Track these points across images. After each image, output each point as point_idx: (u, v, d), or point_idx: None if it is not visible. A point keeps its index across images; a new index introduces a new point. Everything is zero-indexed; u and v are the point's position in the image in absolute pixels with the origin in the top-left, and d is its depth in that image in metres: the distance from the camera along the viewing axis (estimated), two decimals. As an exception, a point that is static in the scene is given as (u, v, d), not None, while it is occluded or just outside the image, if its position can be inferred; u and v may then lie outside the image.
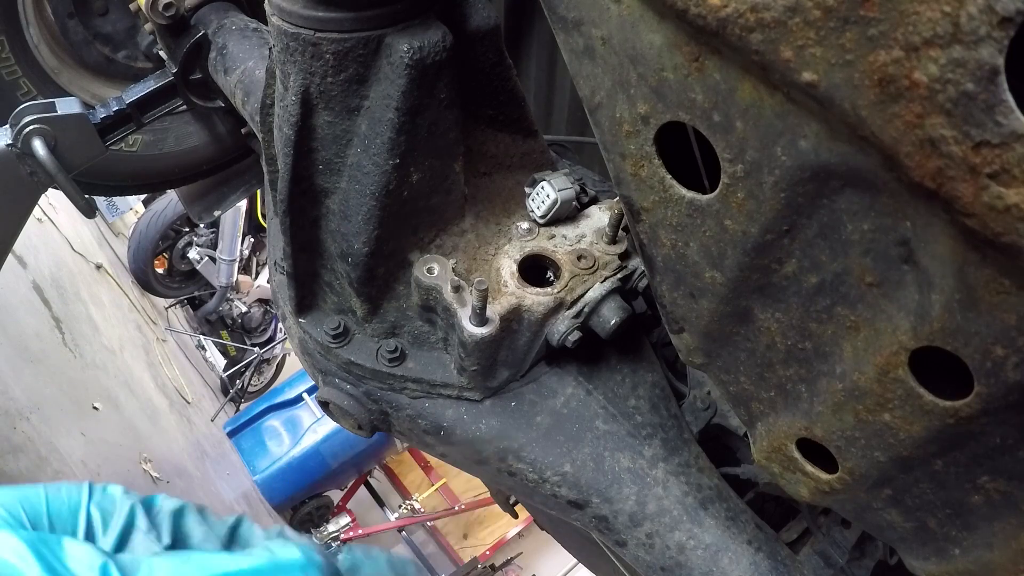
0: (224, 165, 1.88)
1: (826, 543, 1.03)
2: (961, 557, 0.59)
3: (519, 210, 0.99)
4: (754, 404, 0.68)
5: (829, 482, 0.63)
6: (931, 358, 0.47)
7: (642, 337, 1.03)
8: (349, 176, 0.86)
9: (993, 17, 0.31)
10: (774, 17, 0.39)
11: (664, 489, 0.91)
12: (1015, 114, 0.32)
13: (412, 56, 0.76)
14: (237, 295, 6.31)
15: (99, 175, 1.68)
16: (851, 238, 0.47)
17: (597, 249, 0.94)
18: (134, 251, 5.38)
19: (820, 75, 0.38)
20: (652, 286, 0.69)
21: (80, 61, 1.68)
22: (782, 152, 0.45)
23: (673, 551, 0.89)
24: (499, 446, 0.93)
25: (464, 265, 0.93)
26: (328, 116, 0.82)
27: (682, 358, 0.73)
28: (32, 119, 1.29)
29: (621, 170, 0.60)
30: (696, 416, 1.02)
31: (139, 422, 4.08)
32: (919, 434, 0.50)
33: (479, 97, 0.92)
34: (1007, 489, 0.51)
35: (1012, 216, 0.34)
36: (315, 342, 0.98)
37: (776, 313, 0.57)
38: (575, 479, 0.91)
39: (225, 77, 1.40)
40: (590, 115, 0.60)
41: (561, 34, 0.57)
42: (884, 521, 0.65)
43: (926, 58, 0.34)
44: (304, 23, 0.76)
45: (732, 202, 0.51)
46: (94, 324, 4.35)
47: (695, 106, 0.49)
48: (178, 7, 1.46)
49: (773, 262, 0.53)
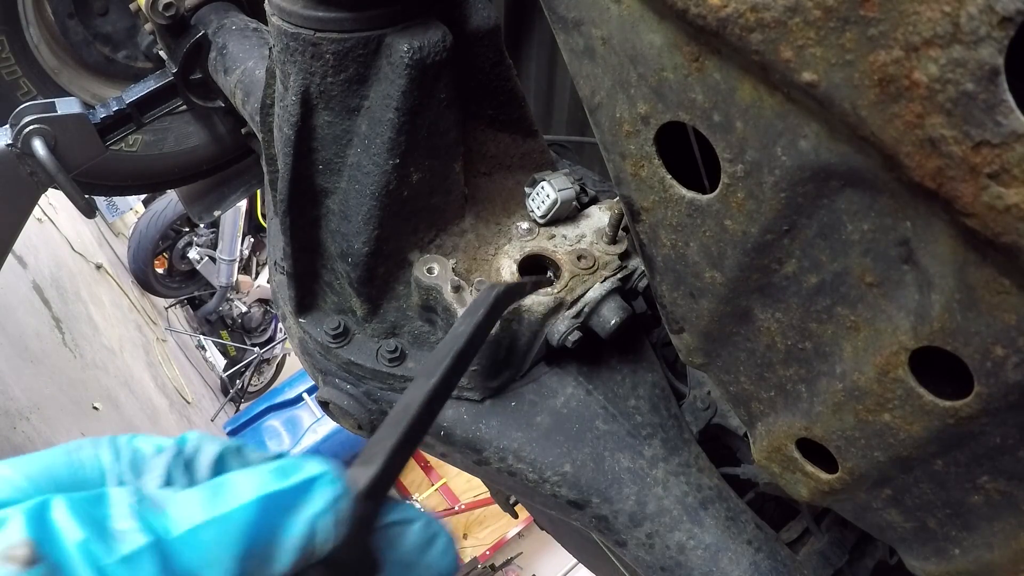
0: (224, 165, 1.88)
1: (826, 543, 1.03)
2: (961, 557, 0.59)
3: (519, 210, 0.99)
4: (754, 404, 0.68)
5: (829, 482, 0.63)
6: (931, 358, 0.47)
7: (642, 337, 1.03)
8: (349, 176, 0.86)
9: (993, 17, 0.31)
10: (774, 17, 0.39)
11: (664, 489, 0.91)
12: (1015, 114, 0.32)
13: (412, 56, 0.76)
14: (237, 295, 6.31)
15: (99, 175, 1.68)
16: (851, 238, 0.47)
17: (597, 249, 0.94)
18: (134, 251, 5.38)
19: (820, 75, 0.38)
20: (652, 286, 0.69)
21: (80, 61, 1.68)
22: (782, 152, 0.45)
23: (673, 551, 0.89)
24: (499, 446, 0.93)
25: (464, 265, 0.93)
26: (328, 116, 0.82)
27: (682, 358, 0.73)
28: (32, 119, 1.29)
29: (621, 170, 0.60)
30: (696, 416, 1.02)
31: (139, 422, 4.08)
32: (919, 434, 0.50)
33: (479, 97, 0.92)
34: (1007, 489, 0.51)
35: (1012, 216, 0.34)
36: (315, 342, 0.98)
37: (776, 313, 0.57)
38: (575, 479, 0.91)
39: (225, 77, 1.40)
40: (590, 115, 0.60)
41: (561, 34, 0.57)
42: (884, 521, 0.65)
43: (926, 58, 0.34)
44: (304, 23, 0.76)
45: (732, 202, 0.51)
46: (94, 324, 4.35)
47: (695, 106, 0.49)
48: (178, 7, 1.46)
49: (773, 262, 0.53)
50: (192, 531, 0.30)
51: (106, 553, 0.28)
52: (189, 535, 0.30)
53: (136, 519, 0.29)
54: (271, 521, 0.32)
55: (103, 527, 0.28)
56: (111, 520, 0.29)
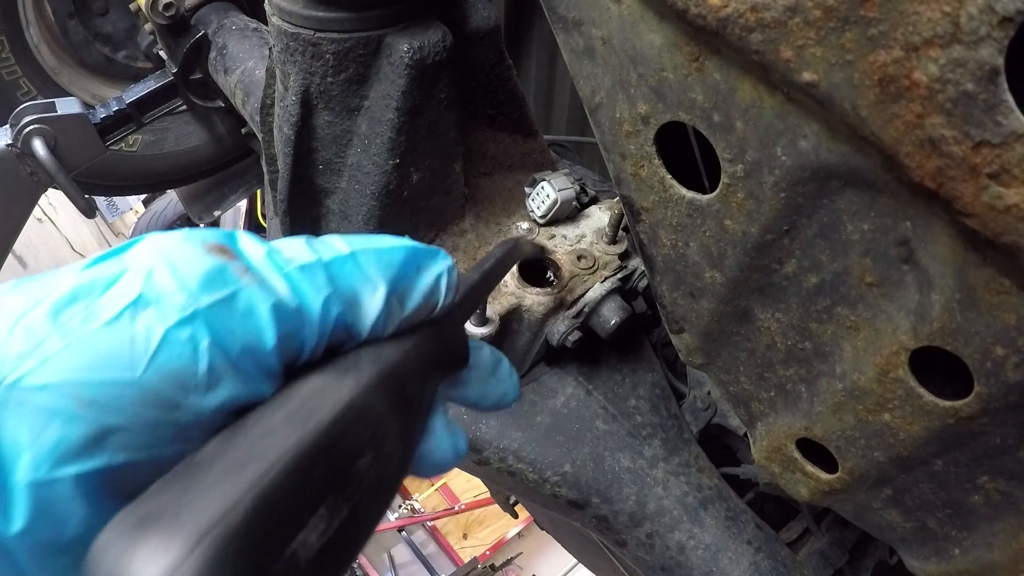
0: (224, 165, 1.88)
1: (826, 543, 1.03)
2: (961, 557, 0.59)
3: (519, 210, 0.99)
4: (754, 404, 0.68)
5: (829, 482, 0.63)
6: (931, 358, 0.47)
7: (642, 337, 1.03)
8: (349, 176, 0.86)
9: (993, 17, 0.31)
10: (774, 17, 0.39)
11: (664, 489, 0.91)
12: (1015, 114, 0.32)
13: (412, 56, 0.76)
14: (237, 295, 6.30)
15: (99, 175, 1.68)
16: (851, 238, 0.47)
17: (597, 249, 0.94)
18: (134, 251, 5.38)
19: (820, 75, 0.38)
20: (652, 286, 0.69)
21: (80, 61, 1.68)
22: (782, 152, 0.45)
23: (673, 551, 0.89)
24: (499, 446, 0.93)
25: (464, 265, 0.93)
26: (328, 116, 0.82)
27: (682, 358, 0.73)
28: (32, 119, 1.29)
29: (621, 170, 0.60)
30: (696, 416, 1.02)
31: (139, 422, 4.07)
32: (919, 434, 0.50)
33: (479, 97, 0.92)
34: (1007, 489, 0.51)
35: (1012, 216, 0.34)
36: (315, 342, 0.98)
37: (776, 313, 0.57)
38: (575, 479, 0.91)
39: (225, 77, 1.40)
40: (590, 115, 0.60)
41: (561, 34, 0.57)
42: (884, 521, 0.65)
43: (926, 58, 0.34)
44: (304, 23, 0.76)
45: (732, 202, 0.51)
46: (94, 324, 4.35)
47: (695, 106, 0.49)
48: (178, 7, 1.46)
49: (773, 262, 0.53)
50: (355, 253, 0.35)
51: (285, 263, 0.33)
52: (352, 256, 0.35)
53: (305, 246, 0.35)
54: (412, 266, 0.38)
55: (280, 251, 0.34)
56: (283, 250, 0.34)
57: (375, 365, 0.34)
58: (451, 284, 0.40)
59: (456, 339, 0.43)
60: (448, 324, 0.42)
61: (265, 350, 0.30)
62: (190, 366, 0.28)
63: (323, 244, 0.35)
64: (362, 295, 0.35)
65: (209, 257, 0.30)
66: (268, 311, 0.31)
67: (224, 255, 0.31)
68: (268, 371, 0.31)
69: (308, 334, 0.32)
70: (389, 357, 0.35)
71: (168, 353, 0.28)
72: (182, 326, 0.28)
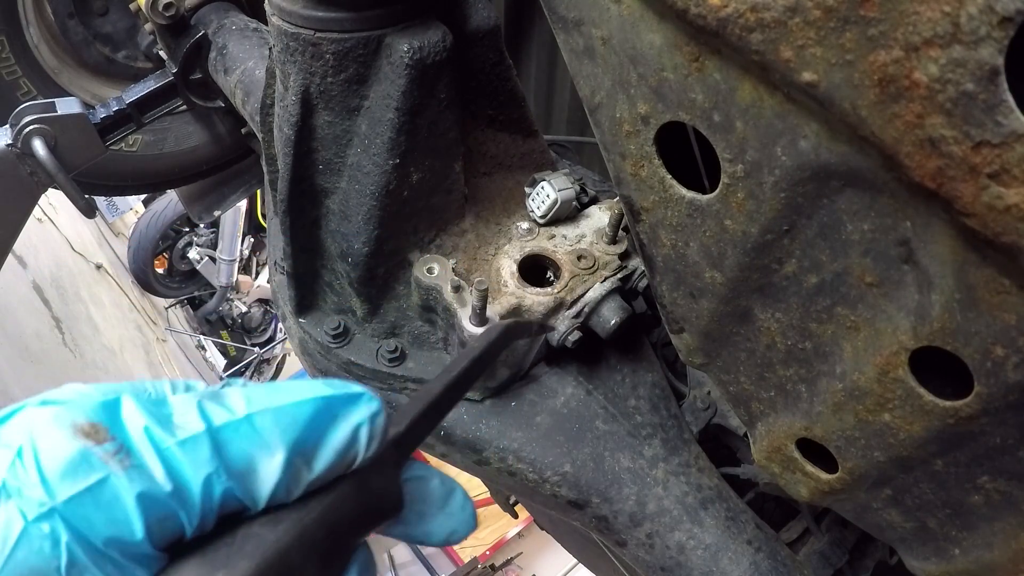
0: (224, 165, 1.88)
1: (826, 543, 1.03)
2: (961, 557, 0.59)
3: (519, 210, 0.99)
4: (754, 404, 0.68)
5: (829, 482, 0.63)
6: (931, 358, 0.47)
7: (642, 337, 1.03)
8: (349, 176, 0.86)
9: (993, 17, 0.31)
10: (774, 17, 0.39)
11: (664, 489, 0.91)
12: (1015, 114, 0.32)
13: (412, 56, 0.76)
14: (237, 295, 6.30)
15: (99, 175, 1.68)
16: (851, 238, 0.47)
17: (597, 249, 0.94)
18: (134, 251, 5.38)
19: (820, 75, 0.38)
20: (652, 286, 0.69)
21: (80, 61, 1.68)
22: (782, 152, 0.45)
23: (673, 551, 0.89)
24: (499, 446, 0.93)
25: (464, 265, 0.93)
26: (328, 116, 0.82)
27: (682, 358, 0.73)
28: (32, 119, 1.29)
29: (621, 170, 0.60)
30: (696, 416, 1.02)
31: (139, 422, 4.06)
32: (919, 434, 0.50)
33: (479, 97, 0.92)
34: (1007, 489, 0.51)
35: (1012, 216, 0.34)
36: (315, 342, 0.98)
37: (776, 313, 0.57)
38: (575, 479, 0.91)
39: (225, 77, 1.40)
40: (590, 115, 0.60)
41: (561, 34, 0.57)
42: (884, 521, 0.65)
43: (926, 58, 0.34)
44: (304, 23, 0.76)
45: (732, 202, 0.51)
46: (94, 324, 4.35)
47: (695, 106, 0.49)
48: (178, 7, 1.46)
49: (773, 262, 0.53)
50: (251, 416, 0.33)
51: (166, 437, 0.31)
52: (247, 420, 0.33)
53: (195, 410, 0.32)
54: (322, 420, 0.35)
55: (166, 418, 0.32)
56: (173, 414, 0.32)
57: (251, 559, 0.31)
58: (375, 432, 0.37)
59: (387, 487, 0.39)
60: (376, 472, 0.38)
61: (133, 540, 0.29)
62: (51, 562, 0.27)
63: (218, 406, 0.33)
64: (257, 462, 0.32)
65: (76, 441, 0.29)
66: (134, 500, 0.29)
67: (93, 438, 0.30)
68: (140, 558, 0.30)
69: (189, 515, 0.31)
70: (280, 539, 0.32)
71: (26, 550, 0.27)
72: (41, 520, 0.28)
